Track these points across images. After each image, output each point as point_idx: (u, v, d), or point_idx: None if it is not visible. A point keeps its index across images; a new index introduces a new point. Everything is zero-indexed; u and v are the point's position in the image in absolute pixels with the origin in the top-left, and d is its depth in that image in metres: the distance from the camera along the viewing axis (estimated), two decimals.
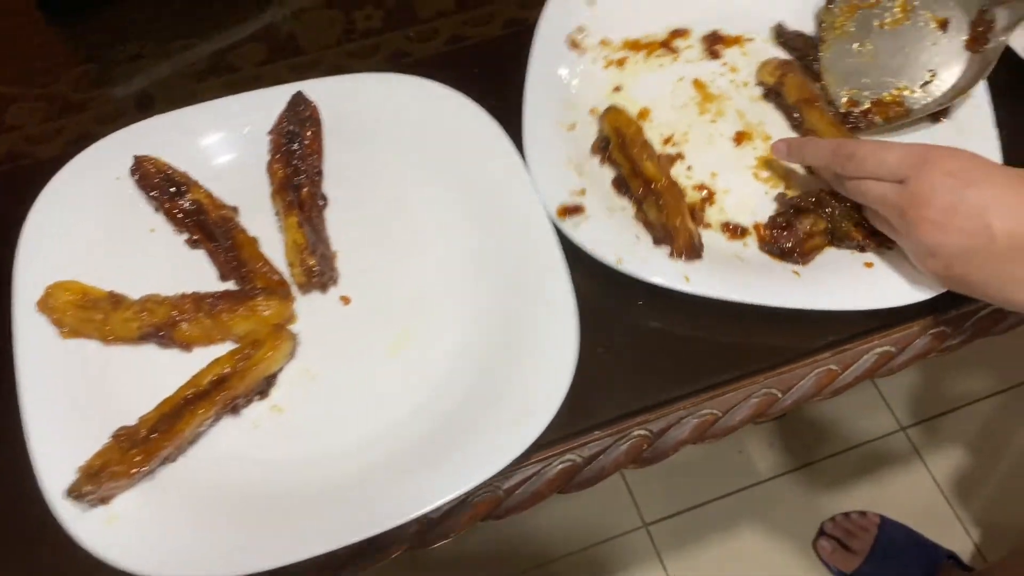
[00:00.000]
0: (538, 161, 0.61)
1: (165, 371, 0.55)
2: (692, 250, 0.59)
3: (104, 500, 0.50)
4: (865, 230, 0.60)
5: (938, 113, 0.65)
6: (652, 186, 0.60)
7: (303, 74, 0.70)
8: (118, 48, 0.71)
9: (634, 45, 0.70)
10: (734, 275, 0.59)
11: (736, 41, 0.71)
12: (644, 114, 0.67)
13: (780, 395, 0.58)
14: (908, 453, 1.41)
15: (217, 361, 0.55)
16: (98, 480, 0.49)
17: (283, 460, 0.54)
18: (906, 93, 0.66)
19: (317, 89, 0.64)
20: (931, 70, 0.66)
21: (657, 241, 0.59)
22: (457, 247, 0.61)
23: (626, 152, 0.62)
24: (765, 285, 0.58)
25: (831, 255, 0.61)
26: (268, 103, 0.63)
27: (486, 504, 0.54)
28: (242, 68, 0.70)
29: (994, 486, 1.39)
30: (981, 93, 0.65)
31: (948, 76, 0.65)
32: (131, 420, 0.52)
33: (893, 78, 0.66)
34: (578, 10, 0.69)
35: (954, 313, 0.61)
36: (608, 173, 0.64)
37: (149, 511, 0.51)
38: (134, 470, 0.50)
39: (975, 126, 0.64)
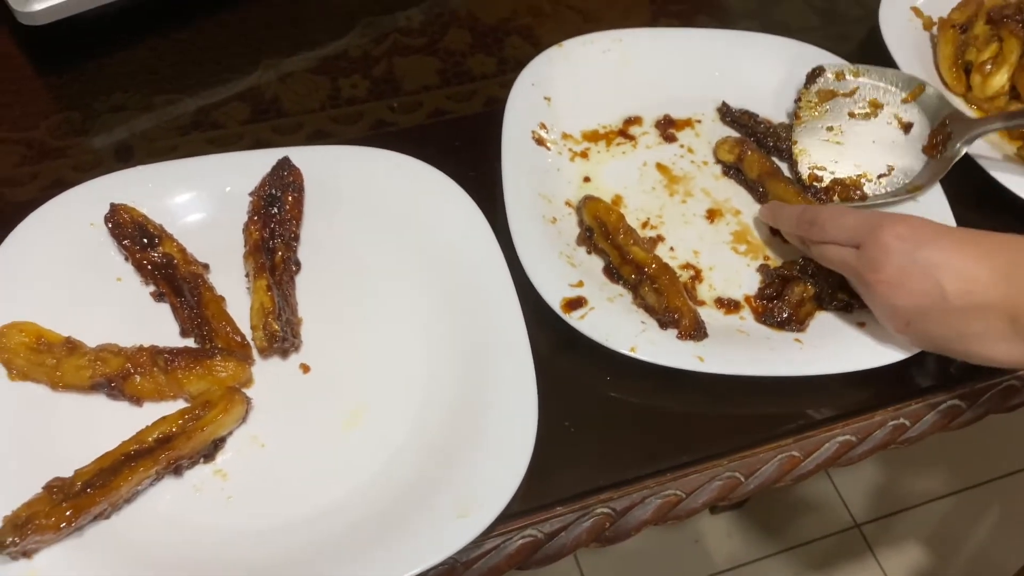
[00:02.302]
0: (532, 258, 0.61)
1: (111, 425, 0.53)
2: (698, 329, 0.59)
3: (27, 554, 0.48)
4: (849, 290, 0.62)
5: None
6: (645, 270, 0.61)
7: (285, 136, 0.70)
8: (102, 98, 0.71)
9: (593, 136, 0.72)
10: (743, 350, 0.60)
11: (687, 123, 0.74)
12: (617, 201, 0.69)
13: (743, 479, 0.58)
14: (862, 549, 1.41)
15: (165, 419, 0.53)
16: (22, 532, 0.47)
17: (221, 527, 0.52)
18: (864, 180, 0.70)
19: (303, 156, 0.64)
20: (890, 165, 0.70)
21: (663, 324, 0.60)
22: (424, 325, 0.60)
23: (612, 240, 0.63)
24: (774, 356, 0.60)
25: (825, 320, 0.63)
26: (253, 165, 0.63)
27: None
28: (225, 125, 0.70)
29: None
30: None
31: (903, 174, 0.70)
32: (68, 472, 0.50)
33: (854, 164, 0.71)
34: (537, 107, 0.71)
35: (916, 404, 0.62)
36: (597, 262, 0.65)
37: (72, 570, 0.48)
38: (62, 524, 0.48)
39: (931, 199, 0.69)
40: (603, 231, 0.64)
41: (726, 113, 0.74)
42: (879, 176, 0.70)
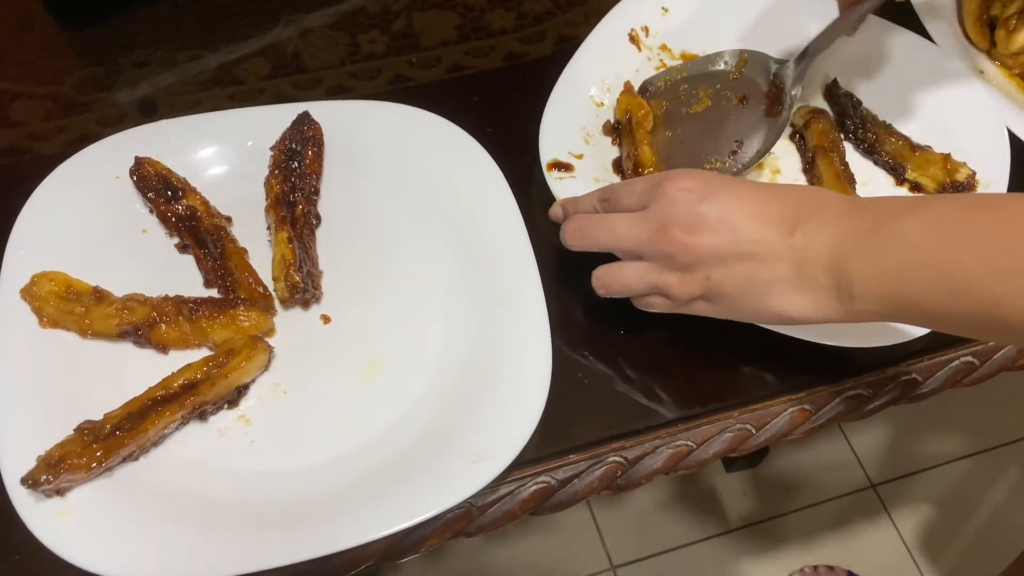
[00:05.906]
0: (553, 116, 0.63)
1: (138, 371, 0.55)
2: None
3: (60, 492, 0.50)
4: None
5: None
6: (640, 171, 0.62)
7: (305, 91, 0.71)
8: (125, 54, 0.72)
9: (690, 59, 0.73)
10: None
11: None
12: None
13: (754, 431, 0.59)
14: (877, 510, 1.42)
15: (190, 366, 0.55)
16: (56, 471, 0.49)
17: (245, 471, 0.54)
18: (717, 165, 0.68)
19: (323, 110, 0.65)
20: (737, 141, 0.68)
21: None
22: (442, 278, 0.61)
23: (631, 137, 0.65)
24: None
25: None
26: (274, 119, 0.64)
27: (458, 520, 0.54)
28: (246, 81, 0.71)
29: (960, 546, 1.40)
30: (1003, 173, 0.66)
31: (752, 143, 0.68)
32: (98, 415, 0.52)
33: (704, 154, 0.69)
34: (651, 11, 0.73)
35: (928, 360, 0.62)
36: (614, 153, 0.67)
37: (103, 508, 0.50)
38: (93, 464, 0.50)
39: None
40: (628, 127, 0.66)
41: (830, 88, 0.72)
42: (730, 154, 0.68)
